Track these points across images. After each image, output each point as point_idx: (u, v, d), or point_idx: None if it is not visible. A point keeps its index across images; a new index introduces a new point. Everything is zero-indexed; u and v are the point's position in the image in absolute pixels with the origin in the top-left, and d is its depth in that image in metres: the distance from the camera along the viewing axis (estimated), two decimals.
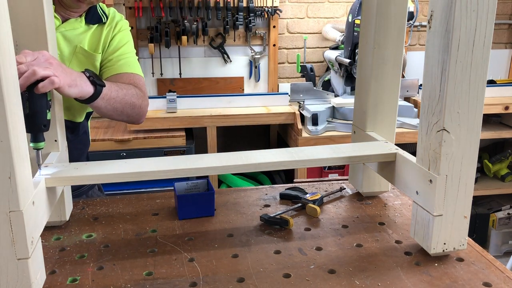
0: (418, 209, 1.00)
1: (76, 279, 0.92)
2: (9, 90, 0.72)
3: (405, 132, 2.62)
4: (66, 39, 1.36)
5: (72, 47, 1.37)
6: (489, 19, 0.84)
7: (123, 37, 1.46)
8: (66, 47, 1.36)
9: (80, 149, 1.49)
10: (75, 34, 1.37)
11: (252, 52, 3.29)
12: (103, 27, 1.42)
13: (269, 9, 3.18)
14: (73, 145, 1.34)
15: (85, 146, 1.53)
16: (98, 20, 1.41)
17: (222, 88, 3.31)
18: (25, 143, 0.80)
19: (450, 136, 0.90)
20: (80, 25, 1.38)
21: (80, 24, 1.38)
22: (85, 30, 1.39)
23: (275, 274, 0.94)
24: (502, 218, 3.19)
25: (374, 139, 1.20)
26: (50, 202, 0.97)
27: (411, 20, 2.91)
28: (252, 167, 1.04)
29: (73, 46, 1.37)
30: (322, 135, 2.62)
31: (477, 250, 1.02)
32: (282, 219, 1.13)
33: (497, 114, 2.99)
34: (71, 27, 1.37)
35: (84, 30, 1.39)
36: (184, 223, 1.15)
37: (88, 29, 1.40)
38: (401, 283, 0.91)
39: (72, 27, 1.37)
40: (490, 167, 3.27)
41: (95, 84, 1.15)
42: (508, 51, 3.64)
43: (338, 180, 1.44)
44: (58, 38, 1.34)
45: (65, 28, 1.36)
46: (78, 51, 1.37)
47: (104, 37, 1.42)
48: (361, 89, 1.24)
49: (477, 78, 0.88)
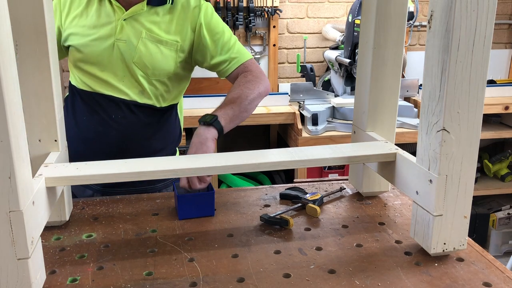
0: (418, 209, 1.00)
1: (76, 279, 0.92)
2: (9, 90, 0.72)
3: (405, 132, 2.62)
4: (131, 25, 1.38)
5: (138, 32, 1.38)
6: (489, 19, 0.84)
7: (214, 22, 1.46)
8: (131, 33, 1.38)
9: (164, 139, 1.54)
10: (140, 19, 1.39)
11: (252, 52, 3.29)
12: (174, 10, 1.42)
13: (269, 9, 3.18)
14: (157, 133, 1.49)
15: (172, 135, 1.57)
16: (162, 2, 1.41)
17: (222, 88, 3.30)
18: (25, 143, 0.80)
19: (450, 136, 0.90)
20: (142, 9, 1.39)
21: (142, 8, 1.39)
22: (151, 13, 1.40)
23: (275, 274, 0.94)
24: (502, 218, 3.19)
25: (374, 139, 1.20)
26: (50, 202, 0.97)
27: (411, 20, 2.90)
28: (252, 167, 1.04)
29: (139, 31, 1.38)
30: (322, 135, 2.62)
31: (477, 250, 1.02)
32: (282, 219, 1.13)
33: (497, 114, 2.99)
34: (133, 13, 1.39)
35: (150, 13, 1.40)
36: (184, 223, 1.15)
37: (154, 12, 1.40)
38: (401, 283, 0.91)
39: (134, 12, 1.39)
40: (490, 167, 3.27)
41: (218, 131, 1.30)
42: (508, 51, 3.64)
43: (338, 180, 1.44)
44: (124, 25, 1.38)
45: (128, 15, 1.38)
46: (144, 37, 1.39)
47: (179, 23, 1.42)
48: (361, 89, 1.24)
49: (477, 78, 0.88)
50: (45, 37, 1.02)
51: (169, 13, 1.43)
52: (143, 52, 1.39)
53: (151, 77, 1.42)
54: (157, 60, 1.40)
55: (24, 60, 1.01)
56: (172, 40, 1.41)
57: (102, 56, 1.40)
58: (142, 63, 1.40)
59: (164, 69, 1.43)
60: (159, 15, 1.42)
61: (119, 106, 1.42)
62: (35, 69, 1.01)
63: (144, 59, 1.39)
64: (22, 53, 1.00)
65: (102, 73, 1.41)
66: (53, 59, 1.05)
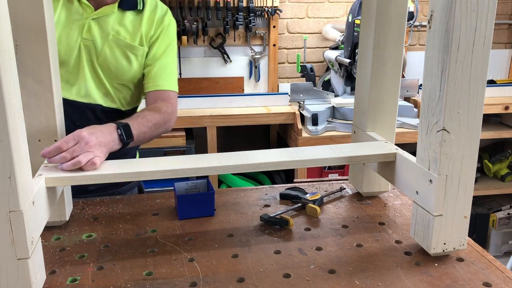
0: (418, 209, 1.00)
1: (76, 279, 0.92)
2: (9, 90, 0.72)
3: (405, 132, 2.62)
4: (99, 25, 1.36)
5: (105, 34, 1.36)
6: (489, 19, 0.84)
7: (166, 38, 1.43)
8: (98, 34, 1.35)
9: None
10: (108, 21, 1.36)
11: (252, 52, 3.29)
12: (142, 16, 1.40)
13: (269, 9, 3.18)
14: None
15: None
16: (133, 6, 1.39)
17: (222, 88, 3.31)
18: (25, 143, 0.80)
19: (450, 136, 0.90)
20: (112, 11, 1.37)
21: (112, 10, 1.37)
22: (120, 17, 1.38)
23: (275, 274, 0.94)
24: (502, 218, 3.19)
25: (374, 139, 1.20)
26: (50, 202, 0.97)
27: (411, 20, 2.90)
28: (252, 167, 1.04)
29: (106, 33, 1.36)
30: (322, 135, 2.62)
31: (477, 250, 1.02)
32: (282, 219, 1.13)
33: (497, 114, 2.99)
34: (103, 14, 1.36)
35: (119, 17, 1.38)
36: (184, 223, 1.15)
37: (123, 15, 1.38)
38: (401, 283, 0.91)
39: (104, 13, 1.36)
40: (490, 167, 3.27)
41: (123, 142, 1.19)
42: (508, 51, 3.64)
43: (338, 180, 1.44)
44: (91, 25, 1.34)
45: (97, 15, 1.35)
46: (111, 39, 1.36)
47: (145, 29, 1.39)
48: (361, 89, 1.24)
49: (477, 78, 0.88)
50: (45, 37, 1.02)
51: (137, 18, 1.40)
52: (108, 55, 1.36)
53: (114, 80, 1.40)
54: (122, 65, 1.38)
55: (24, 60, 1.01)
56: (139, 45, 1.39)
57: (68, 56, 1.35)
58: (106, 66, 1.37)
59: (128, 75, 1.40)
60: (128, 19, 1.39)
61: (84, 113, 1.39)
62: (35, 69, 1.01)
63: (108, 62, 1.37)
64: (22, 53, 1.00)
65: (68, 74, 1.37)
66: (53, 59, 1.05)
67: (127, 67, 1.39)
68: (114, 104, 1.43)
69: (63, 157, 0.99)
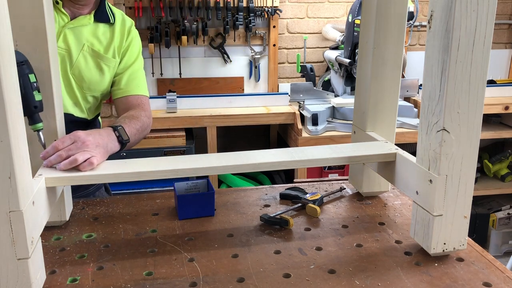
0: (418, 209, 1.00)
1: (76, 279, 0.92)
2: (9, 90, 0.72)
3: (405, 132, 2.62)
4: (75, 35, 1.36)
5: (80, 44, 1.37)
6: (489, 19, 0.84)
7: (136, 47, 1.47)
8: (73, 43, 1.36)
9: None
10: (83, 32, 1.37)
11: (252, 52, 3.29)
12: (114, 29, 1.43)
13: (269, 9, 3.18)
14: None
15: None
16: (106, 19, 1.41)
17: (222, 88, 3.31)
18: (25, 143, 0.80)
19: (450, 136, 0.90)
20: (88, 22, 1.38)
21: (88, 21, 1.38)
22: (94, 29, 1.39)
23: (275, 274, 0.94)
24: (502, 218, 3.19)
25: (374, 139, 1.20)
26: (50, 202, 0.97)
27: (411, 20, 2.90)
28: (252, 167, 1.04)
29: (81, 44, 1.37)
30: (322, 135, 2.62)
31: (477, 250, 1.02)
32: (282, 219, 1.13)
33: (497, 114, 2.99)
34: (79, 24, 1.37)
35: (93, 29, 1.39)
36: (184, 223, 1.15)
37: (96, 27, 1.40)
38: (401, 283, 0.91)
39: (80, 23, 1.37)
40: (490, 167, 3.27)
41: (122, 142, 1.20)
42: (508, 51, 3.64)
43: (338, 180, 1.44)
44: (67, 34, 1.35)
45: (73, 25, 1.36)
46: (85, 50, 1.37)
47: (117, 42, 1.43)
48: (361, 89, 1.24)
49: (477, 78, 0.88)
50: (45, 37, 1.02)
51: (109, 31, 1.43)
52: (82, 65, 1.37)
53: (85, 91, 1.40)
54: (95, 76, 1.39)
55: None
56: (111, 57, 1.41)
57: None
58: (80, 76, 1.38)
59: (100, 86, 1.42)
60: (101, 31, 1.41)
61: None
62: (35, 69, 1.01)
63: (82, 73, 1.38)
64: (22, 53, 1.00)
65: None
66: (53, 59, 1.05)
67: (100, 78, 1.41)
68: (83, 114, 1.44)
69: (59, 155, 1.00)
